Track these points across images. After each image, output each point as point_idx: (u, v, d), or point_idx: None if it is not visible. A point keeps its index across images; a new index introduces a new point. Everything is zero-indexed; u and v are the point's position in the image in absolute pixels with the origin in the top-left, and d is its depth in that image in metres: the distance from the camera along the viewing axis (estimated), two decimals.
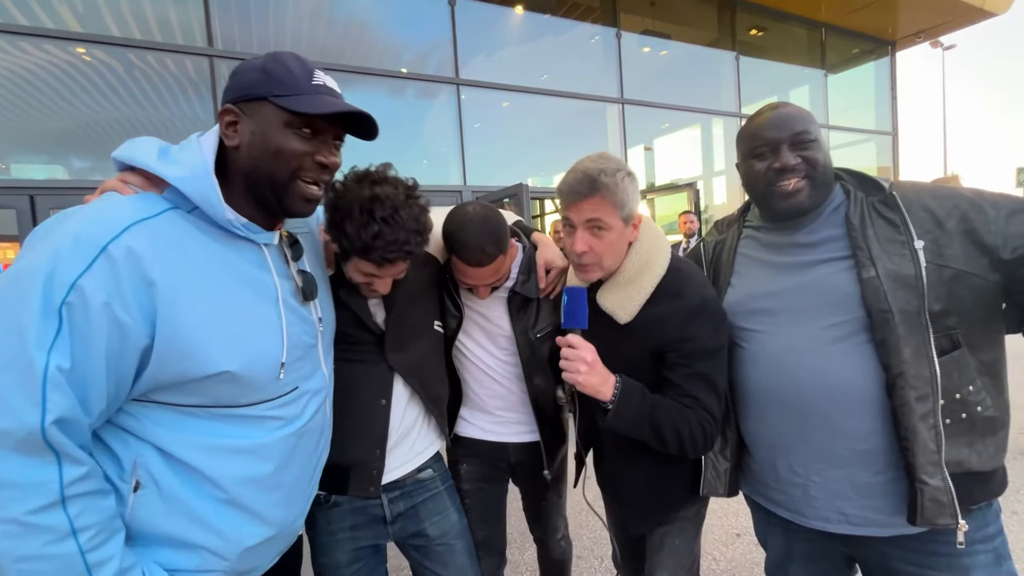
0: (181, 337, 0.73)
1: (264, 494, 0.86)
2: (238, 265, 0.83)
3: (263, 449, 0.85)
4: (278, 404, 0.87)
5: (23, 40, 3.52)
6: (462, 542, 1.31)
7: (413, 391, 1.24)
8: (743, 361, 1.13)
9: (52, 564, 0.66)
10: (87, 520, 0.68)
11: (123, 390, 0.72)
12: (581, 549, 2.49)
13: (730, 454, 1.20)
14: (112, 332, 0.68)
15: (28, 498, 0.64)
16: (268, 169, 0.82)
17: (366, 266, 1.05)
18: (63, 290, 0.65)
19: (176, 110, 4.12)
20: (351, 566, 1.23)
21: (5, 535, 0.64)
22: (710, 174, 7.66)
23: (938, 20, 8.29)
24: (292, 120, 0.81)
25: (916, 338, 0.92)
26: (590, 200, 1.09)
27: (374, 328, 1.19)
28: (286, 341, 0.87)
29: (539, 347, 1.33)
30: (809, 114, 1.07)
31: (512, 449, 1.45)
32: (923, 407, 0.91)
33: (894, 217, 0.98)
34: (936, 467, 0.91)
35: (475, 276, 1.21)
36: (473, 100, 5.36)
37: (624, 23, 6.31)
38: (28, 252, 0.69)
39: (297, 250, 0.98)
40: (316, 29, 4.71)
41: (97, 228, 0.69)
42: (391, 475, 1.23)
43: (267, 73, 0.82)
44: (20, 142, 3.71)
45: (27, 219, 3.43)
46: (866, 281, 0.96)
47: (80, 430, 0.69)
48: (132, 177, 0.83)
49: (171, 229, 0.76)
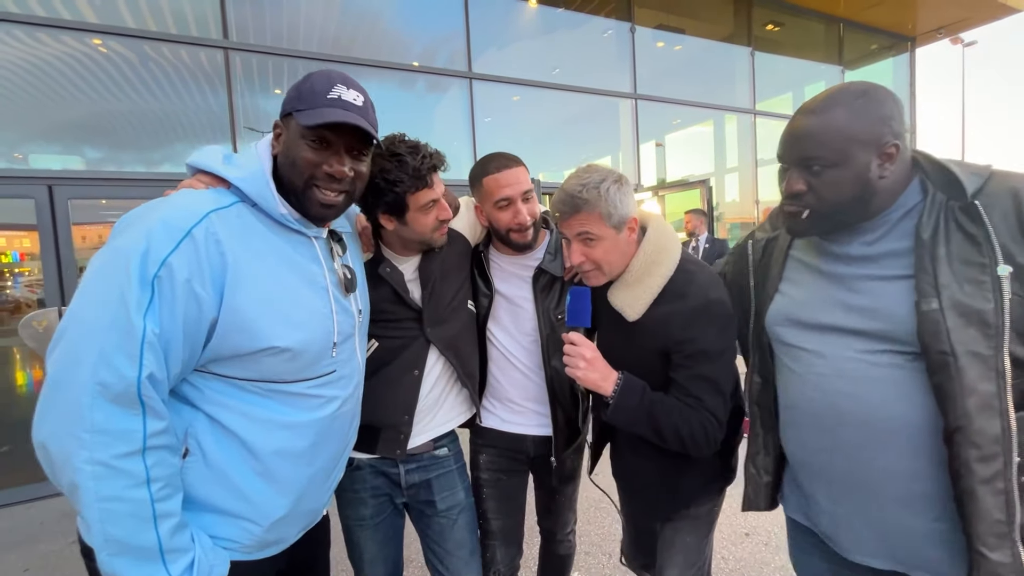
0: (240, 312, 0.83)
1: (295, 468, 0.94)
2: (290, 254, 0.94)
3: (301, 426, 0.94)
4: (318, 384, 0.97)
5: (41, 31, 3.56)
6: (464, 518, 1.40)
7: (447, 363, 1.34)
8: (787, 379, 1.03)
9: (127, 507, 0.75)
10: (159, 472, 0.78)
11: (194, 357, 0.83)
12: (589, 545, 2.49)
13: (771, 467, 1.12)
14: (190, 304, 0.79)
15: (117, 444, 0.74)
16: (290, 177, 0.94)
17: (426, 194, 1.19)
18: (156, 265, 0.76)
19: (190, 102, 4.14)
20: (373, 519, 1.37)
21: (93, 475, 0.73)
22: (722, 171, 7.57)
23: (959, 16, 8.11)
24: (305, 132, 0.91)
25: (985, 387, 0.75)
26: (575, 217, 1.13)
27: (412, 304, 1.29)
28: (336, 323, 0.98)
29: (558, 328, 1.37)
30: (843, 125, 0.84)
31: (531, 441, 1.46)
32: (987, 469, 0.75)
33: (976, 232, 0.78)
34: (1002, 539, 0.76)
35: (508, 179, 1.30)
36: (485, 94, 5.33)
37: (638, 17, 6.24)
38: (121, 234, 0.80)
39: (342, 246, 1.09)
40: (329, 21, 4.71)
41: (182, 214, 0.81)
42: (416, 440, 1.33)
43: (298, 90, 0.93)
44: (38, 132, 3.75)
45: (45, 209, 3.47)
46: (925, 314, 0.79)
47: (163, 389, 0.79)
48: (204, 178, 0.94)
49: (238, 219, 0.88)
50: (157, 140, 4.07)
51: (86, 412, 0.72)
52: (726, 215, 7.41)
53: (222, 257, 0.82)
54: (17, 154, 3.66)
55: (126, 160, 3.97)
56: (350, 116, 0.91)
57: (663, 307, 1.13)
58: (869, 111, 0.84)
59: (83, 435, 0.72)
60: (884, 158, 0.86)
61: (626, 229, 1.16)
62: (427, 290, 1.30)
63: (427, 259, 1.31)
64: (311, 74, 0.95)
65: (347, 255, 1.10)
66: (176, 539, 0.79)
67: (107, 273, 0.76)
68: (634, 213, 1.17)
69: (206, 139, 4.24)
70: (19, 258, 3.74)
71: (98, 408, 0.73)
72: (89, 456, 0.72)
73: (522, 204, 1.31)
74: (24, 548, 2.77)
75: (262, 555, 0.96)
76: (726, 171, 7.60)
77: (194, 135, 4.20)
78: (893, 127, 0.85)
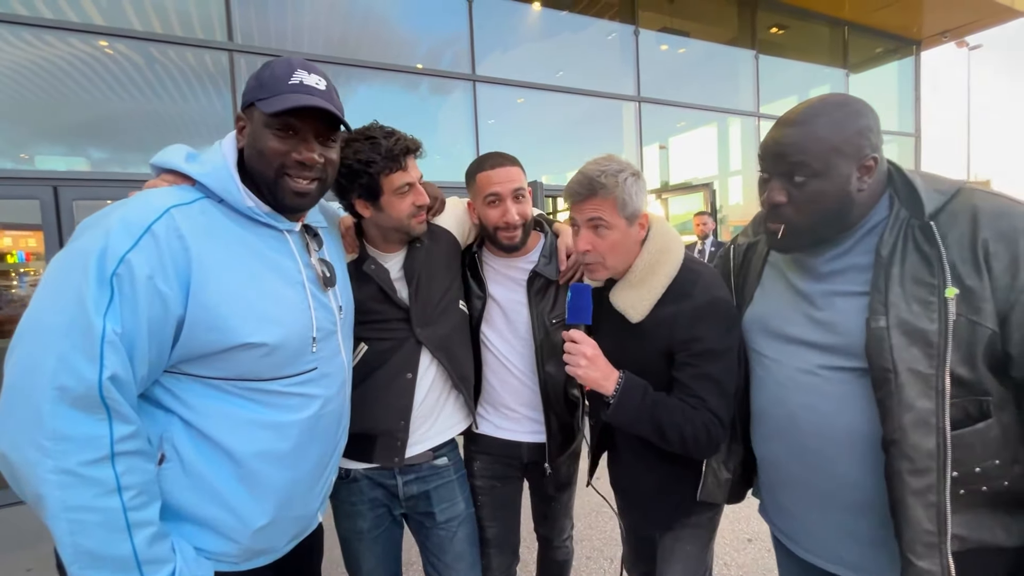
0: (209, 309, 0.81)
1: (278, 472, 0.91)
2: (261, 250, 0.91)
3: (282, 427, 0.91)
4: (298, 382, 0.93)
5: (48, 34, 3.58)
6: (464, 530, 1.36)
7: (440, 366, 1.31)
8: (755, 384, 1.07)
9: (98, 516, 0.72)
10: (131, 479, 0.74)
11: (162, 357, 0.80)
12: (591, 550, 2.48)
13: (733, 467, 1.16)
14: (154, 302, 0.76)
15: (82, 451, 0.70)
16: (259, 168, 0.91)
17: (400, 176, 1.18)
18: (114, 263, 0.73)
19: (195, 103, 4.16)
20: (372, 531, 1.34)
21: (59, 485, 0.70)
22: (726, 174, 7.56)
23: (966, 19, 8.08)
24: (269, 121, 0.89)
25: (923, 404, 0.77)
26: (590, 200, 1.11)
27: (399, 303, 1.26)
28: (315, 318, 0.95)
29: (553, 333, 1.36)
30: (826, 136, 0.84)
31: (526, 448, 1.45)
32: (919, 481, 0.78)
33: (930, 252, 0.79)
34: (930, 548, 0.78)
35: (500, 176, 1.30)
36: (488, 96, 5.34)
37: (642, 21, 6.24)
38: (82, 235, 0.78)
39: (318, 241, 1.06)
40: (333, 24, 4.73)
41: (142, 212, 0.79)
42: (414, 449, 1.30)
43: (258, 79, 0.91)
44: (44, 134, 3.78)
45: (51, 209, 3.49)
46: (873, 331, 0.81)
47: (130, 391, 0.76)
48: (168, 177, 0.92)
49: (202, 215, 0.85)
50: (162, 141, 4.04)
51: (47, 419, 0.69)
52: (730, 218, 7.40)
53: (186, 252, 0.79)
54: (23, 154, 3.68)
55: (131, 161, 3.99)
56: (314, 99, 0.88)
57: (668, 307, 1.12)
58: (849, 123, 0.85)
59: (45, 443, 0.69)
60: (863, 171, 0.86)
61: (636, 224, 1.15)
62: (412, 286, 1.27)
63: (411, 255, 1.29)
64: (270, 62, 0.92)
65: (324, 250, 1.07)
66: (154, 549, 0.76)
67: (65, 274, 0.74)
68: (645, 210, 1.17)
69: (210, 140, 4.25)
70: (25, 258, 3.77)
71: (59, 414, 0.69)
72: (54, 465, 0.69)
73: (511, 203, 1.30)
74: (27, 549, 2.77)
75: (249, 566, 0.92)
76: (730, 174, 7.59)
77: (198, 136, 4.22)
78: (871, 139, 0.86)
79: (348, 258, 1.26)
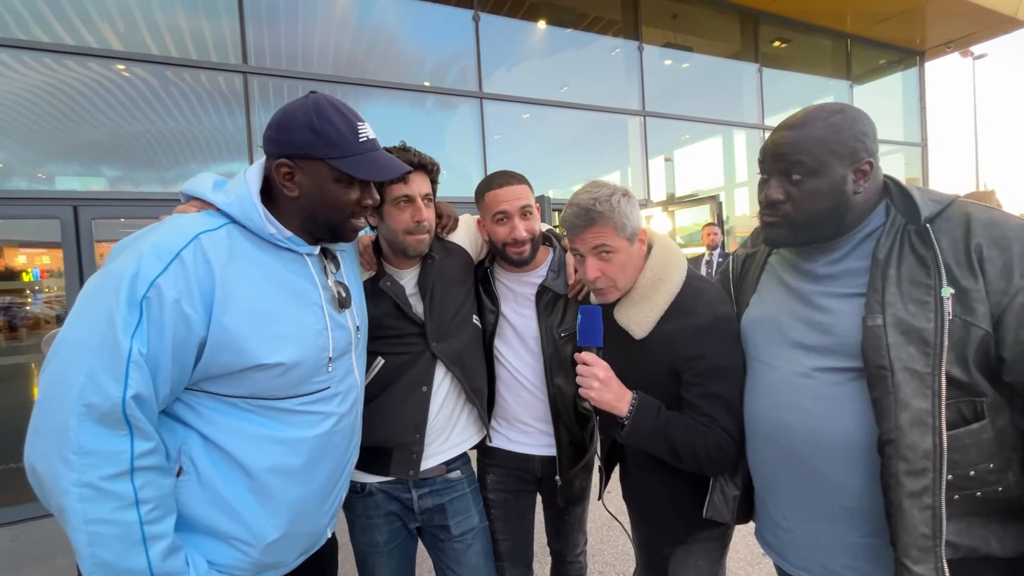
0: (228, 331, 0.84)
1: (290, 486, 0.93)
2: (281, 273, 0.95)
3: (295, 443, 0.94)
4: (311, 400, 0.96)
5: (69, 59, 3.70)
6: (479, 543, 1.37)
7: (455, 380, 1.33)
8: (747, 388, 1.08)
9: (115, 529, 0.74)
10: (148, 493, 0.77)
11: (184, 377, 0.83)
12: (603, 565, 2.47)
13: (740, 482, 1.14)
14: (179, 324, 0.79)
15: (104, 465, 0.74)
16: (326, 216, 0.98)
17: (399, 188, 1.21)
18: (144, 287, 0.77)
19: (210, 124, 4.26)
20: (387, 545, 1.35)
21: (81, 498, 0.73)
22: (732, 186, 7.58)
23: (969, 30, 8.11)
24: (343, 177, 0.95)
25: (920, 404, 0.78)
26: (591, 229, 1.13)
27: (415, 318, 1.29)
28: (331, 339, 0.99)
29: (562, 347, 1.37)
30: (822, 137, 0.88)
31: (538, 461, 1.45)
32: (915, 483, 0.78)
33: (926, 254, 0.82)
34: (926, 553, 0.77)
35: (508, 195, 1.33)
36: (495, 112, 5.42)
37: (646, 36, 6.32)
38: (116, 258, 0.82)
39: (335, 263, 1.10)
40: (343, 44, 4.84)
41: (172, 238, 0.83)
42: (429, 462, 1.31)
43: (320, 135, 0.92)
44: (63, 154, 3.88)
45: (70, 228, 3.57)
46: (869, 329, 0.83)
47: (151, 409, 0.79)
48: (196, 203, 0.97)
49: (227, 240, 0.89)
50: (178, 161, 4.19)
51: (73, 434, 0.72)
52: (736, 229, 7.40)
53: (211, 277, 0.83)
54: (40, 174, 3.78)
55: (146, 180, 4.08)
56: (396, 163, 0.99)
57: (671, 324, 1.13)
58: (845, 127, 0.89)
59: (71, 456, 0.72)
60: (859, 174, 0.90)
61: (637, 241, 1.18)
62: (427, 301, 1.30)
63: (425, 270, 1.32)
64: (320, 109, 0.92)
65: (341, 272, 1.10)
66: (168, 562, 0.78)
67: (98, 295, 0.78)
68: (642, 225, 1.19)
69: (225, 159, 4.35)
70: (40, 276, 3.84)
71: (85, 429, 0.72)
72: (77, 478, 0.72)
73: (519, 220, 1.33)
74: (42, 562, 2.79)
75: None
76: (735, 186, 7.61)
77: (214, 156, 4.32)
78: (867, 144, 0.90)
79: (365, 275, 1.29)
